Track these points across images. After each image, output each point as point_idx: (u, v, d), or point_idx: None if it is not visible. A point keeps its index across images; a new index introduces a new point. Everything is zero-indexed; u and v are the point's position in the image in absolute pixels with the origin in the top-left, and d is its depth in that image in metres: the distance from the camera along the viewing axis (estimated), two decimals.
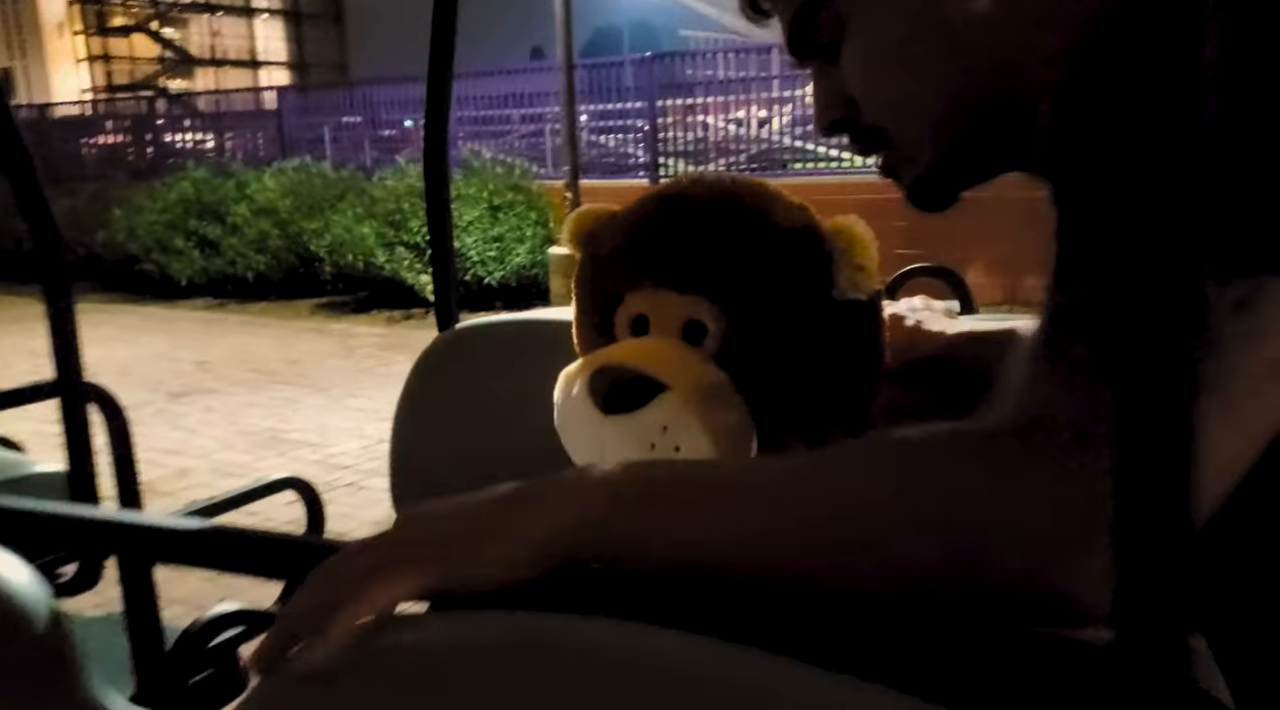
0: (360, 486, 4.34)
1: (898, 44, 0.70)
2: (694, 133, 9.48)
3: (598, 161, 9.95)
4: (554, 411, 1.13)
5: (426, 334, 1.52)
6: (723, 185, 1.13)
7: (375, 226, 8.50)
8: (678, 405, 1.04)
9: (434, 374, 1.48)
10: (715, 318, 1.07)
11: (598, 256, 1.16)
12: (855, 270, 1.06)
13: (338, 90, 13.02)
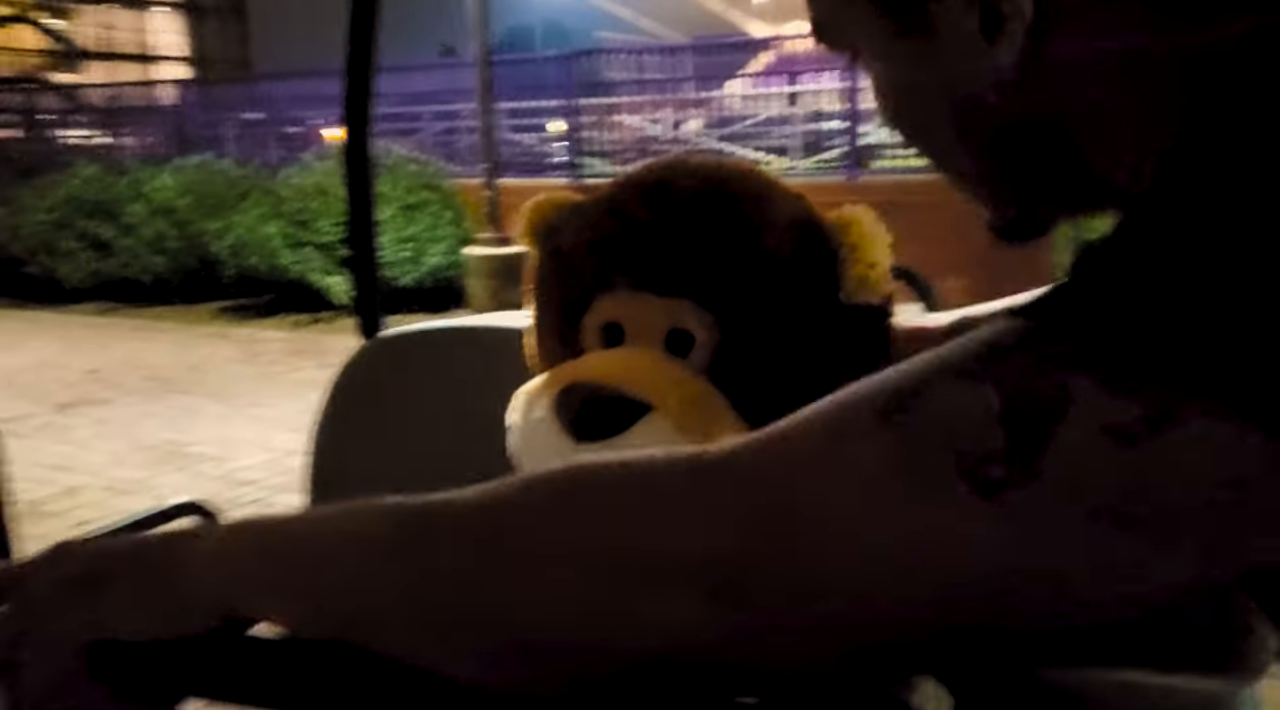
0: (268, 504, 4.08)
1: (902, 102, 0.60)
2: (615, 132, 9.34)
3: (515, 160, 9.74)
4: (509, 435, 0.95)
5: (336, 339, 1.36)
6: (710, 170, 0.96)
7: (281, 226, 8.17)
8: (665, 429, 0.87)
9: (356, 385, 1.35)
10: (704, 325, 0.91)
11: (560, 252, 0.99)
12: (866, 269, 0.91)
13: (240, 85, 12.57)
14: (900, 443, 0.42)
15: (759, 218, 0.90)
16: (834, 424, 0.45)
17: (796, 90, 8.80)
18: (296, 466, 4.80)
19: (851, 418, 0.45)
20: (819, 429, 0.46)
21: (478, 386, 1.32)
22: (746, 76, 10.18)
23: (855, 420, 0.44)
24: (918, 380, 0.44)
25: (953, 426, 0.41)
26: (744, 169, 0.97)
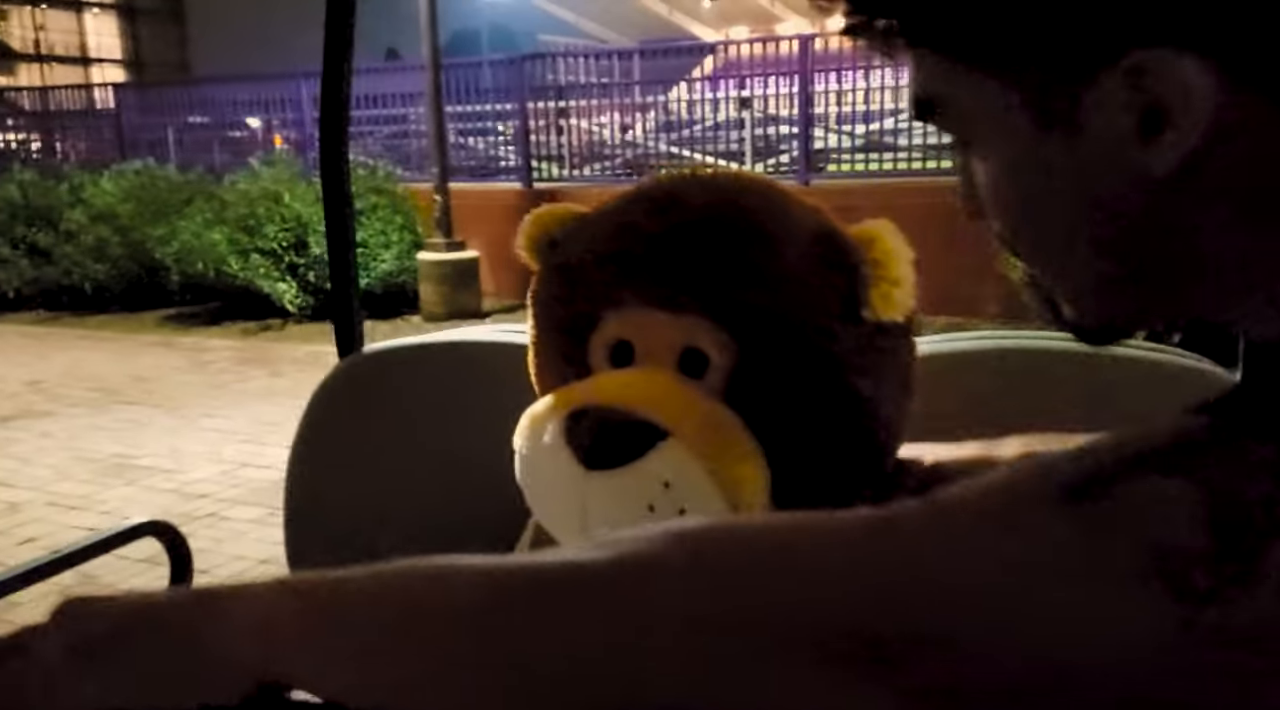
0: (222, 517, 3.97)
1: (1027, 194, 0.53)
2: (566, 136, 9.26)
3: (465, 164, 9.64)
4: (517, 462, 0.91)
5: (286, 347, 1.31)
6: (724, 183, 0.93)
7: (227, 232, 7.99)
8: (682, 455, 0.83)
9: (334, 404, 1.32)
10: (720, 345, 0.87)
11: (565, 267, 0.94)
12: (890, 286, 0.87)
13: (181, 88, 12.28)
14: (1087, 534, 0.39)
15: (776, 231, 0.87)
16: (1006, 506, 0.42)
17: (747, 95, 8.79)
18: (250, 478, 4.66)
19: (1026, 502, 0.41)
20: (988, 510, 0.42)
21: (458, 403, 1.28)
22: (697, 80, 10.16)
23: (1030, 505, 0.41)
24: (1103, 467, 0.41)
25: (1150, 522, 0.38)
26: (759, 180, 0.93)
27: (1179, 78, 0.44)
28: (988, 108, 0.51)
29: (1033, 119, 0.50)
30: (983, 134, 0.54)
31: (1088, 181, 0.49)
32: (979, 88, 0.51)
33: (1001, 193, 0.54)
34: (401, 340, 1.33)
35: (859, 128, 8.53)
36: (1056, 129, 0.49)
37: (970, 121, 0.54)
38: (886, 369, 0.88)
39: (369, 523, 1.25)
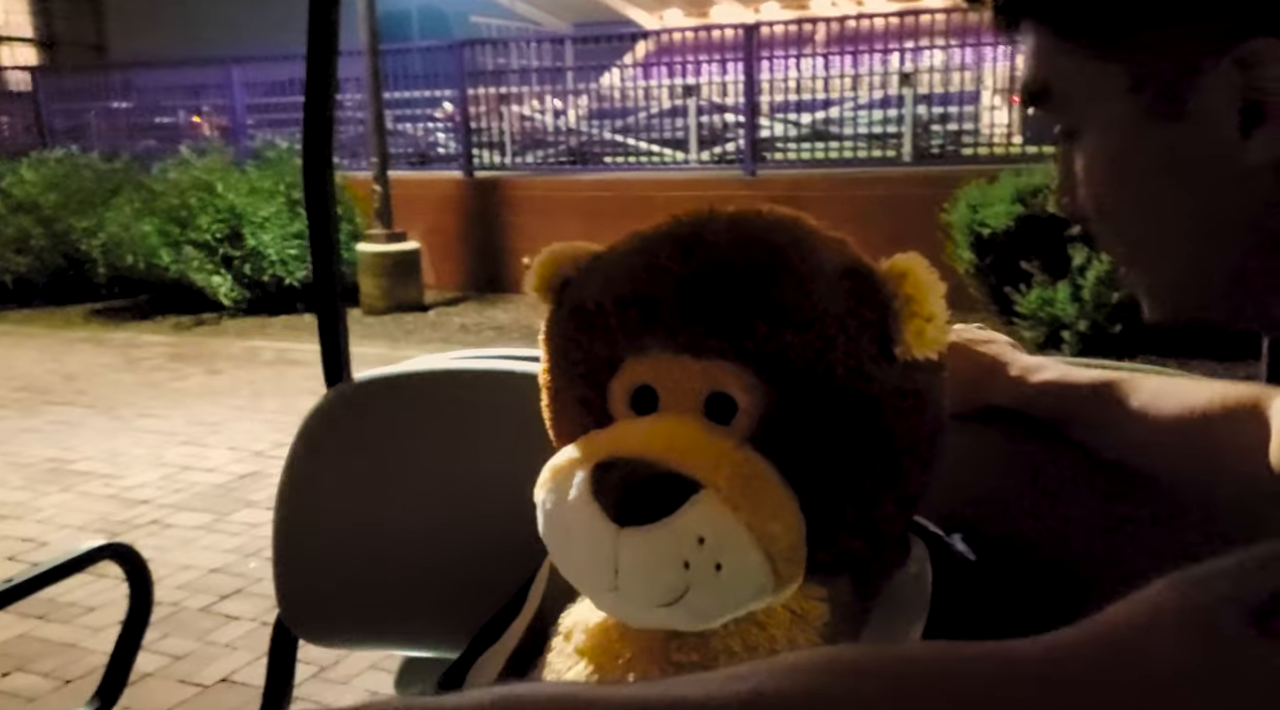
0: (166, 524, 3.85)
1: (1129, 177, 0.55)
2: (507, 123, 9.13)
3: (403, 152, 9.47)
4: (539, 516, 0.86)
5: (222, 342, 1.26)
6: (750, 221, 0.88)
7: (157, 224, 7.76)
8: (717, 509, 0.79)
9: (323, 433, 1.28)
10: (747, 388, 0.83)
11: (583, 310, 0.90)
12: (923, 323, 0.84)
13: (102, 72, 11.86)
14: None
15: (805, 269, 0.83)
16: (1189, 627, 0.39)
17: (692, 82, 8.75)
18: (194, 483, 4.54)
19: (1211, 621, 0.38)
20: (1169, 631, 0.39)
21: (451, 432, 1.23)
22: (641, 66, 10.10)
23: (1218, 625, 0.38)
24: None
25: None
26: (782, 216, 0.89)
27: None
28: (1099, 93, 0.53)
29: (1143, 105, 0.51)
30: (1091, 121, 0.55)
31: (1189, 171, 0.51)
32: (1093, 72, 0.53)
33: (1104, 183, 0.56)
34: (391, 368, 1.28)
35: (804, 116, 8.54)
36: (1163, 117, 0.51)
37: (1079, 108, 0.56)
38: (922, 406, 0.85)
39: (363, 554, 1.21)
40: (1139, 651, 0.39)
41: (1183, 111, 0.50)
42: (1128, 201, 0.55)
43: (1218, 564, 0.40)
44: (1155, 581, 0.41)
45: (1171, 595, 0.40)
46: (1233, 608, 0.38)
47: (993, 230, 5.73)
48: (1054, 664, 0.40)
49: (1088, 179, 0.57)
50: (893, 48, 8.39)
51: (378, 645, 1.34)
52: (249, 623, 3.07)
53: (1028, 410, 0.98)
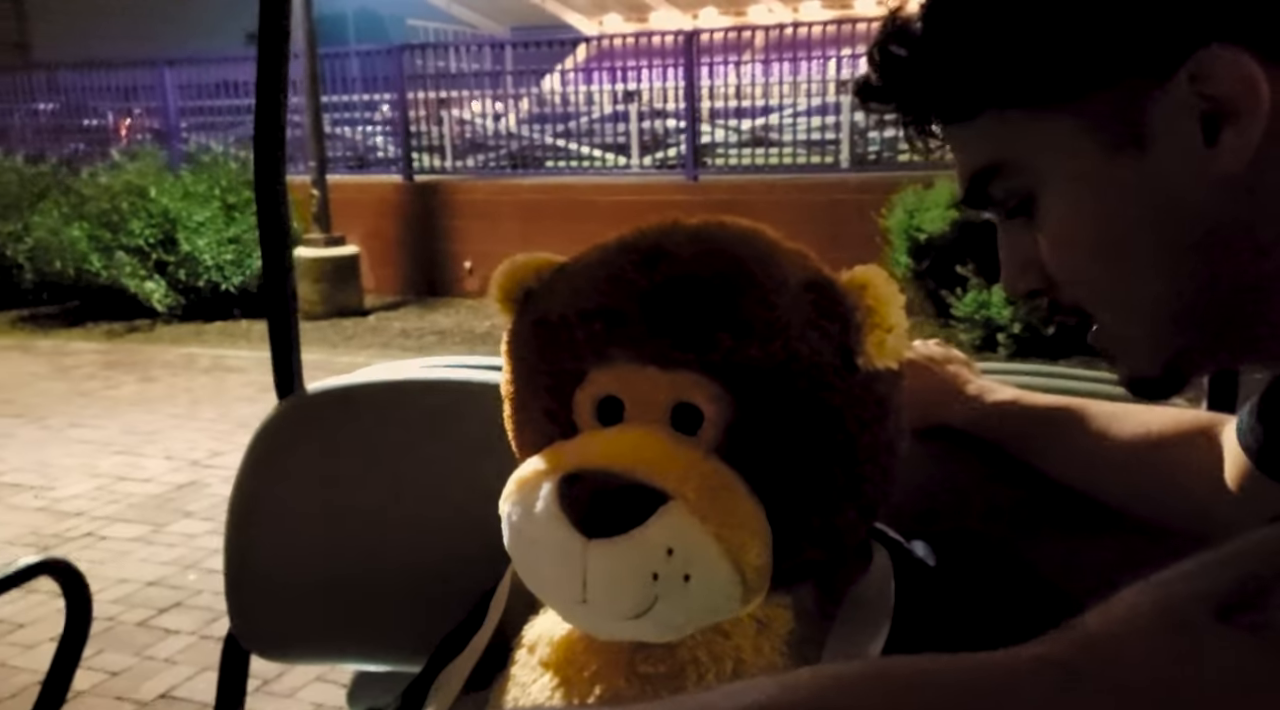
0: (101, 536, 3.76)
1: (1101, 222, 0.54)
2: (447, 127, 9.06)
3: (342, 156, 9.35)
4: (504, 528, 0.86)
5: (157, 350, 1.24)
6: (713, 233, 0.89)
7: (87, 228, 7.58)
8: (685, 520, 0.80)
9: (275, 446, 1.25)
10: (713, 399, 0.84)
11: (547, 322, 0.90)
12: (884, 334, 0.86)
13: (27, 73, 11.51)
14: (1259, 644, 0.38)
15: (768, 281, 0.84)
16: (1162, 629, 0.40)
17: (633, 88, 8.77)
18: (129, 493, 4.43)
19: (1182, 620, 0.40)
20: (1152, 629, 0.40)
21: (406, 442, 1.22)
22: (579, 71, 10.09)
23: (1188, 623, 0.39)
24: (1245, 579, 0.39)
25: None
26: (744, 228, 0.90)
27: (1238, 72, 0.46)
28: (1056, 148, 0.53)
29: (1102, 144, 0.52)
30: (1051, 179, 0.55)
31: (1160, 196, 0.51)
32: (1044, 131, 0.53)
33: (1076, 238, 0.55)
34: (343, 379, 1.26)
35: (744, 123, 8.60)
36: (1126, 149, 0.51)
37: (1036, 172, 0.55)
38: (882, 416, 0.86)
39: (317, 568, 1.20)
40: (1115, 658, 0.40)
41: (1145, 138, 0.50)
42: (1104, 255, 0.55)
43: (1185, 565, 0.42)
44: (1127, 587, 0.42)
45: (1143, 599, 0.41)
46: (1200, 604, 0.39)
47: (929, 235, 5.82)
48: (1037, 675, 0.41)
49: (1056, 243, 0.56)
50: (830, 55, 8.49)
51: (332, 659, 1.32)
52: (189, 636, 3.01)
53: (980, 432, 1.00)
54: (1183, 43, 0.47)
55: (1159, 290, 0.54)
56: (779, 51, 8.80)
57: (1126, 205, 0.52)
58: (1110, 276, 0.56)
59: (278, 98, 1.20)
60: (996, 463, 1.01)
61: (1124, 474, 0.94)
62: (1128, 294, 0.56)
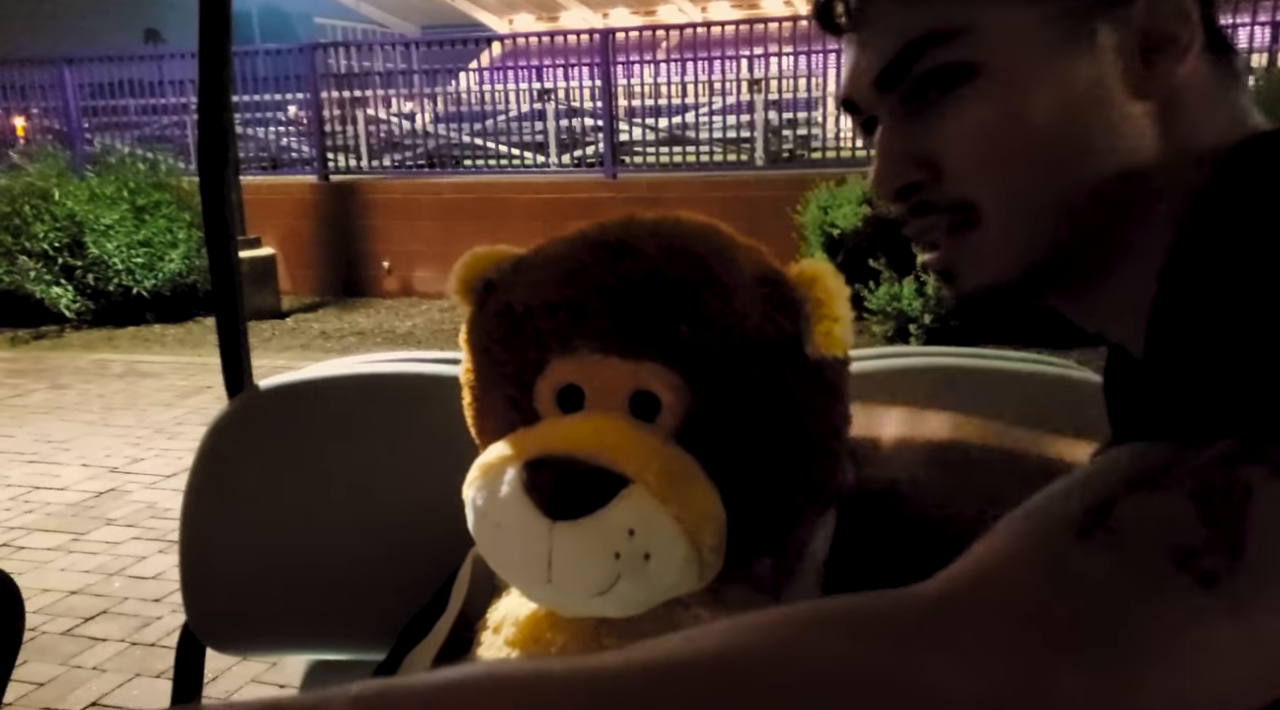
0: (18, 547, 3.66)
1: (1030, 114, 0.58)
2: (361, 126, 8.95)
3: (255, 156, 9.19)
4: (468, 513, 0.90)
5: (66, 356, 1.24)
6: (672, 229, 0.94)
7: None
8: (646, 502, 0.85)
9: (227, 444, 1.25)
10: (672, 388, 0.89)
11: (510, 313, 0.94)
12: (831, 324, 0.91)
13: None
14: (1113, 553, 0.44)
15: (725, 276, 0.89)
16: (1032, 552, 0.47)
17: (549, 86, 8.78)
18: (45, 502, 4.32)
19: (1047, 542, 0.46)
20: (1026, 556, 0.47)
21: (360, 435, 1.24)
22: (494, 69, 10.05)
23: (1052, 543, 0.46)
24: (1097, 498, 0.46)
25: (1157, 530, 0.44)
26: (702, 224, 0.95)
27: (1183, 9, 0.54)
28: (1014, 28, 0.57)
29: (1056, 39, 0.56)
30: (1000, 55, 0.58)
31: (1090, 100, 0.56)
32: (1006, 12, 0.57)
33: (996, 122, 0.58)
34: (294, 374, 1.28)
35: (661, 121, 8.68)
36: (1075, 51, 0.56)
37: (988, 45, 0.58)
38: (830, 403, 0.92)
39: (274, 561, 1.21)
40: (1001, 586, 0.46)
41: (1093, 43, 0.56)
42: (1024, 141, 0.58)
43: (1047, 492, 0.49)
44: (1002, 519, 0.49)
45: (1016, 528, 0.48)
46: (1062, 528, 0.46)
47: (842, 230, 5.96)
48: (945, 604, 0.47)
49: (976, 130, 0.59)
50: (743, 54, 8.61)
51: (291, 650, 1.34)
52: (117, 644, 2.96)
53: None
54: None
55: (1059, 188, 0.58)
56: (692, 51, 8.90)
57: (1057, 102, 0.57)
58: (1019, 169, 0.59)
59: (220, 97, 1.21)
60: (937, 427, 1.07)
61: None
62: (1028, 189, 0.59)
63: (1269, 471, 0.43)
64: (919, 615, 0.47)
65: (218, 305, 1.26)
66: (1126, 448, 0.49)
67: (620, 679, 0.47)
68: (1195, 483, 0.44)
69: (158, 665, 2.82)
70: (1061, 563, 0.45)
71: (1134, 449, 0.48)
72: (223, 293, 1.25)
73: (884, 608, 0.48)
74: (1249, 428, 0.45)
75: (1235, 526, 0.43)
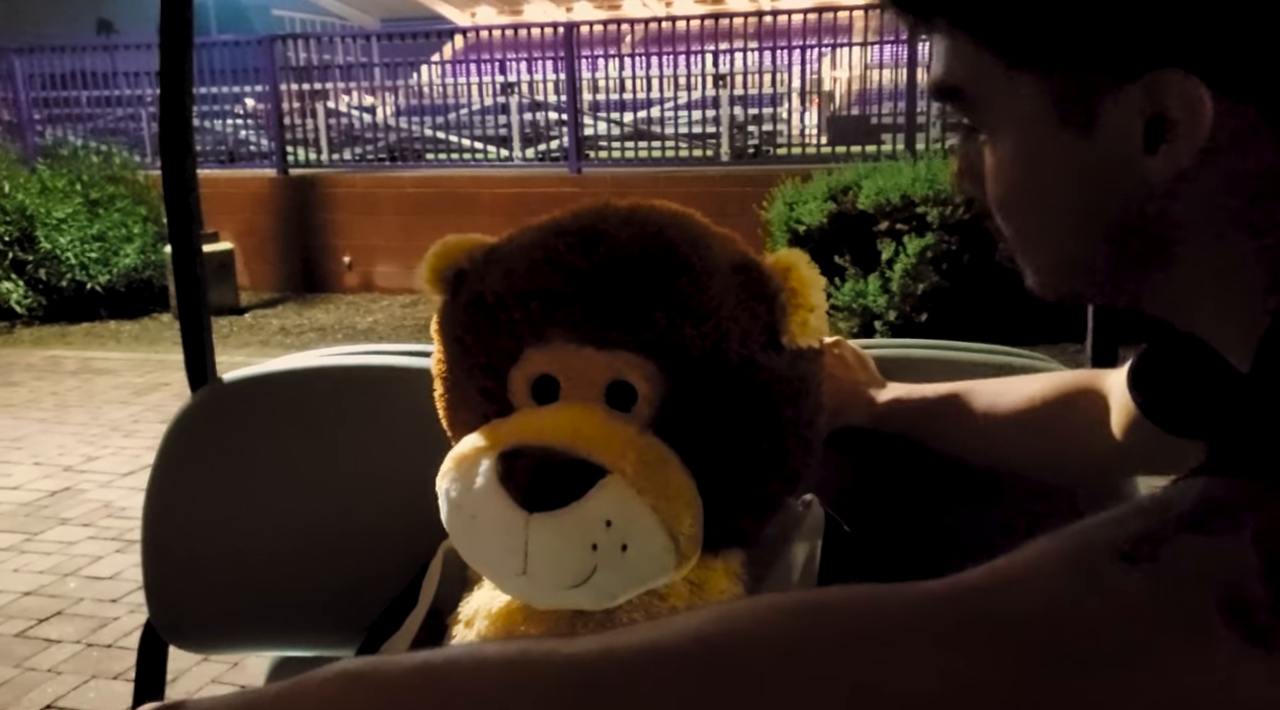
0: None
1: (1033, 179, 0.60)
2: (323, 120, 8.86)
3: (215, 149, 9.05)
4: (442, 505, 0.88)
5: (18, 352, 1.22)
6: (647, 217, 0.93)
7: None
8: (624, 493, 0.83)
9: (191, 438, 1.22)
10: (647, 377, 0.87)
11: (482, 302, 0.92)
12: (807, 314, 0.91)
13: None
14: (1157, 590, 0.42)
15: (701, 264, 0.88)
16: (1069, 568, 0.45)
17: (512, 80, 8.73)
18: None
19: (1087, 561, 0.44)
20: (1060, 567, 0.45)
21: (324, 429, 1.22)
22: (457, 63, 9.98)
23: (1093, 564, 0.44)
24: (1155, 530, 0.44)
25: (1211, 577, 0.42)
26: (676, 212, 0.94)
27: (1187, 95, 0.52)
28: (1013, 100, 0.58)
29: (1055, 116, 0.56)
30: (1003, 125, 0.60)
31: (1094, 177, 0.56)
32: (1009, 81, 0.58)
33: (1009, 178, 0.61)
34: (259, 367, 1.25)
35: (626, 116, 8.66)
36: (1074, 127, 0.56)
37: (993, 112, 0.60)
38: (805, 392, 0.91)
39: (239, 556, 1.19)
40: (1030, 588, 0.45)
41: (1093, 125, 0.55)
42: (1031, 201, 0.61)
43: (1093, 518, 0.47)
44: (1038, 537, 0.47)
45: (1053, 544, 0.46)
46: (1104, 548, 0.44)
47: (808, 226, 5.99)
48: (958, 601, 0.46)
49: (995, 178, 0.61)
50: (708, 49, 8.61)
51: (257, 648, 1.31)
52: (72, 645, 2.90)
53: (883, 428, 1.06)
54: (1149, 59, 0.52)
55: (1068, 246, 0.61)
56: (657, 45, 8.89)
57: (1060, 174, 0.58)
58: (1027, 222, 0.62)
59: (182, 88, 1.18)
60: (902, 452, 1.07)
61: (1018, 442, 1.00)
62: (1039, 240, 0.63)
63: None
64: (920, 609, 0.46)
65: (180, 296, 1.23)
66: (1195, 480, 0.46)
67: (601, 659, 0.46)
68: (1265, 530, 0.42)
69: (115, 667, 2.77)
70: (1098, 579, 0.43)
71: (1205, 484, 0.46)
72: (185, 283, 1.22)
73: (883, 599, 0.47)
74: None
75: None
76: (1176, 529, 0.44)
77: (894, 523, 1.04)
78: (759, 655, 0.45)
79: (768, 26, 8.42)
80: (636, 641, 0.47)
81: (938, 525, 1.05)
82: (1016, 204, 0.62)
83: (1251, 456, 0.46)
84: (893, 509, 1.07)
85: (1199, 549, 0.43)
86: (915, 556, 1.02)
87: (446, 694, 0.47)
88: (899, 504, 1.08)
